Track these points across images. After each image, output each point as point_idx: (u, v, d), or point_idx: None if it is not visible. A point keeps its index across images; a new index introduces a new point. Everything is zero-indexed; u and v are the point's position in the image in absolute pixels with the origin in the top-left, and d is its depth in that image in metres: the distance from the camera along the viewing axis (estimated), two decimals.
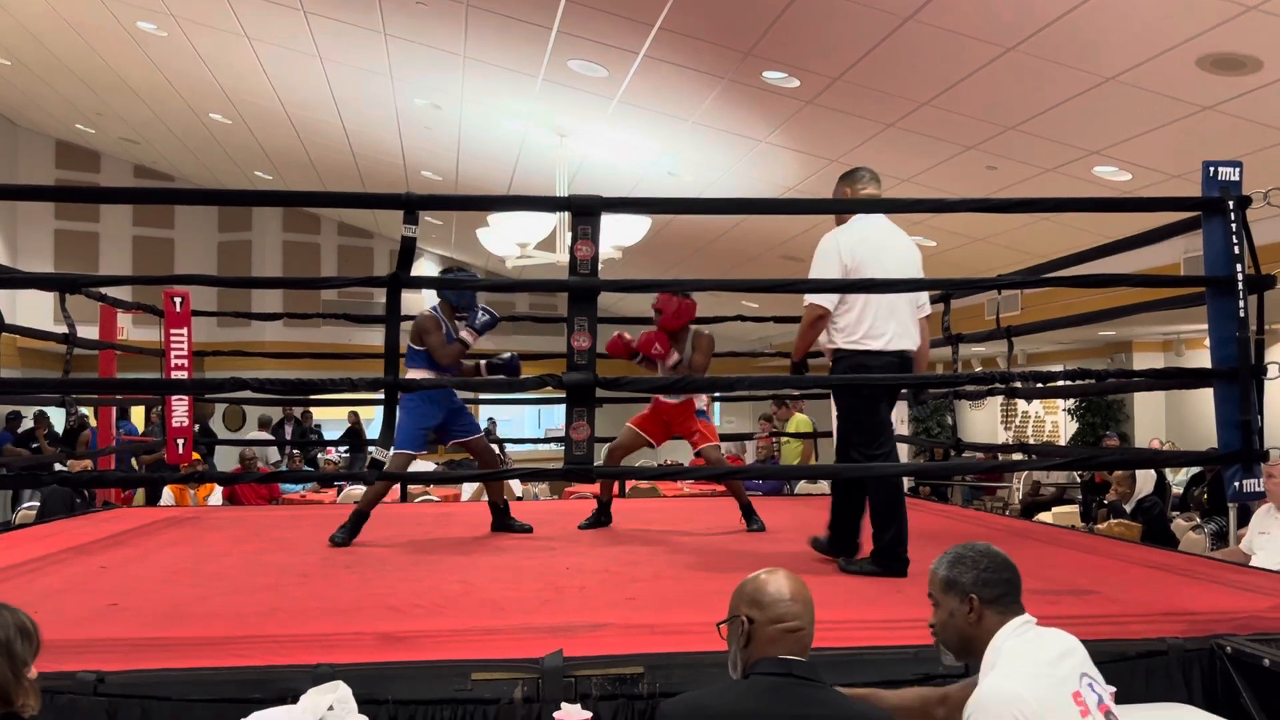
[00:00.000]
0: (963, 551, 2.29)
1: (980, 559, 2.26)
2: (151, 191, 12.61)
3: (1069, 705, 2.04)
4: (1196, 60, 6.01)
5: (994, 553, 2.29)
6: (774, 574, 2.17)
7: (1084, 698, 2.06)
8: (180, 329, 7.03)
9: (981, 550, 2.29)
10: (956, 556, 2.28)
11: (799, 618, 2.10)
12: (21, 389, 7.29)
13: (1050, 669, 2.09)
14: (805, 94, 7.82)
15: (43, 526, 6.35)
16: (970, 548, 2.30)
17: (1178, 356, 14.20)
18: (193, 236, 17.81)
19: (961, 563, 2.26)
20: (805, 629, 2.10)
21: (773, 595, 2.11)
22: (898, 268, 4.18)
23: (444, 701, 2.74)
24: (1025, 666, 2.10)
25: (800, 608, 2.11)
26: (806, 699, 1.98)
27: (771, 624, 2.08)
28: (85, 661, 2.75)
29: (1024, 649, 2.14)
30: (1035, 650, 2.13)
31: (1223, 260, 3.68)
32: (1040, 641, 2.16)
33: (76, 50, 11.27)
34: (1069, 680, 2.08)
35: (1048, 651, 2.13)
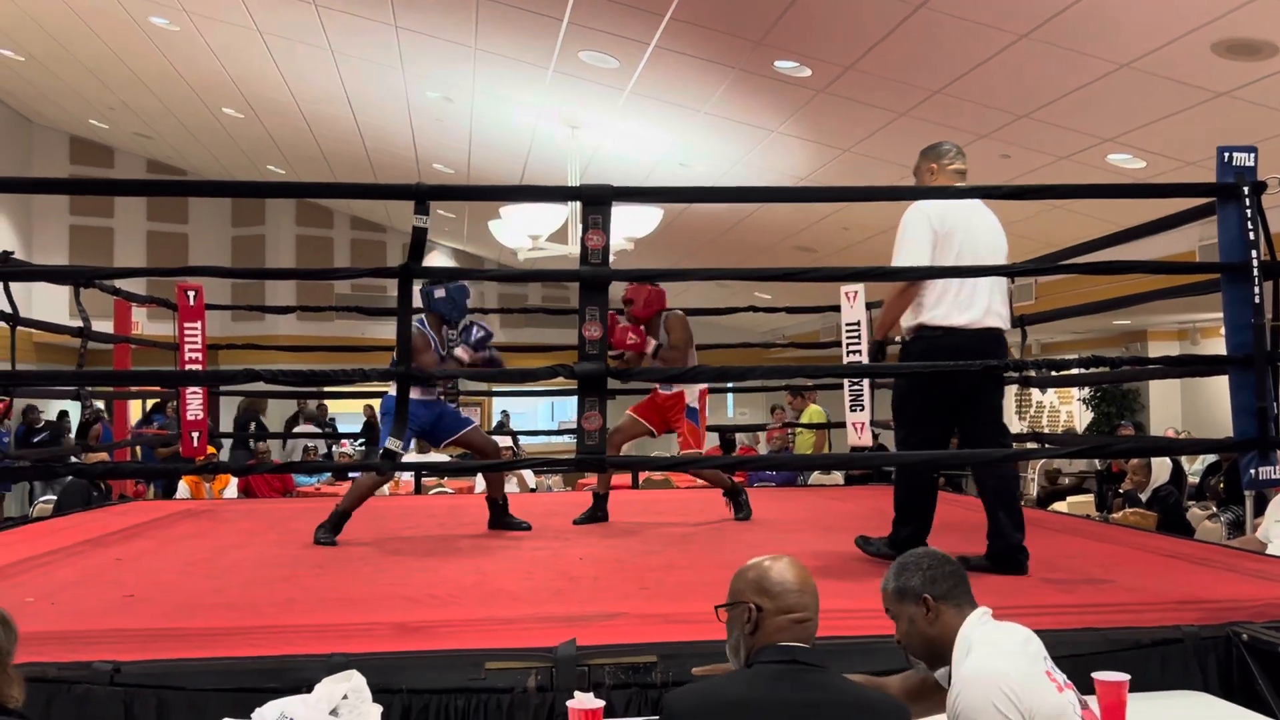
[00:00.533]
0: (904, 560, 2.31)
1: (923, 559, 2.28)
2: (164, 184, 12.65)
3: (1045, 681, 2.08)
4: (1211, 46, 5.97)
5: (935, 552, 2.32)
6: (779, 561, 2.14)
7: (1055, 676, 2.11)
8: (194, 322, 7.05)
9: (922, 553, 2.31)
10: (900, 566, 2.30)
11: (807, 608, 2.08)
12: (37, 381, 7.32)
13: (1021, 647, 2.14)
14: (817, 83, 7.79)
15: (59, 520, 6.39)
16: (910, 554, 2.32)
17: (1193, 345, 14.12)
18: (206, 231, 17.86)
19: (906, 569, 2.28)
20: (812, 619, 2.09)
21: (782, 585, 2.09)
22: (989, 244, 4.05)
23: (458, 690, 2.75)
24: (1002, 648, 2.14)
25: (809, 598, 2.10)
26: (815, 684, 1.97)
27: (780, 614, 2.06)
28: (101, 652, 2.77)
29: (993, 635, 2.17)
30: (1004, 635, 2.17)
31: (1238, 246, 3.65)
32: (1005, 629, 2.20)
33: (90, 45, 11.31)
34: (1038, 660, 2.12)
35: (1014, 636, 2.17)
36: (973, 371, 3.88)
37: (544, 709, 2.74)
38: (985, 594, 3.62)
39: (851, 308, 7.11)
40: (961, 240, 3.98)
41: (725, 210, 11.72)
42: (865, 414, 7.25)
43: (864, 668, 2.86)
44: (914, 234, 4.01)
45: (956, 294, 3.98)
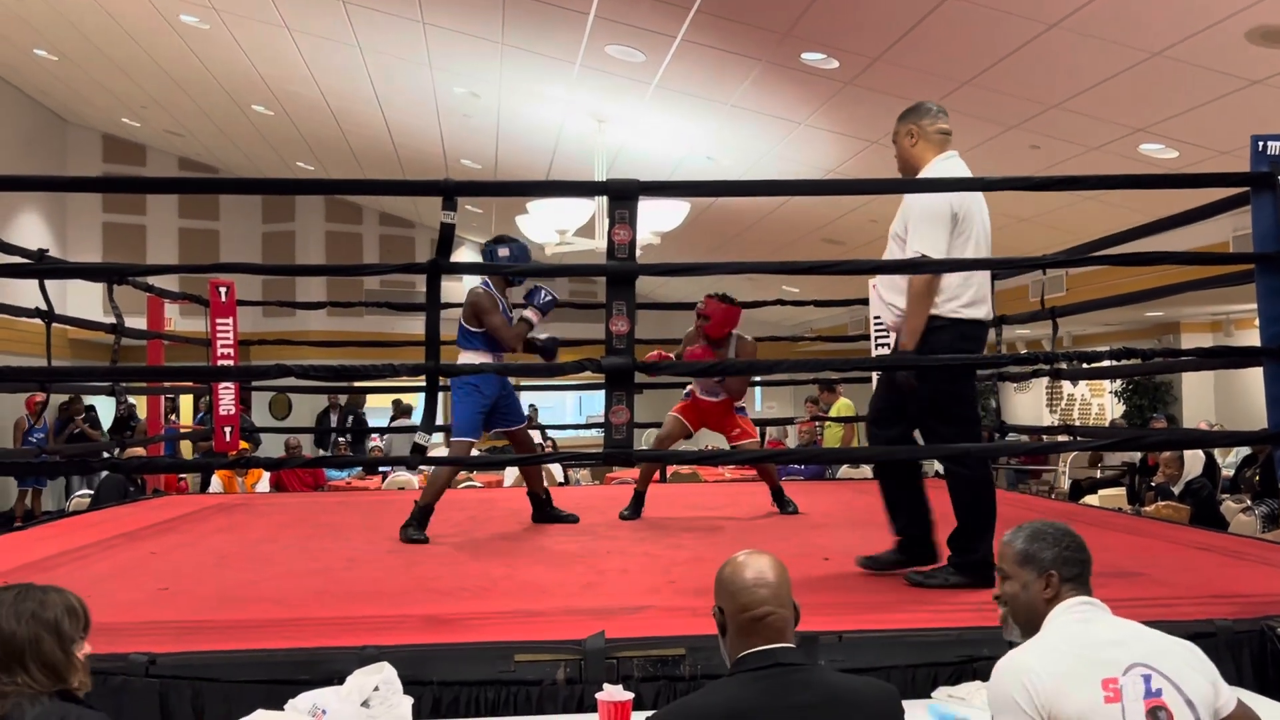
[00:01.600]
0: (1041, 527, 2.24)
1: (1062, 537, 2.21)
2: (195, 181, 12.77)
3: (1091, 687, 1.98)
4: (1245, 33, 5.89)
5: (1073, 532, 2.25)
6: (748, 556, 2.07)
7: (1120, 685, 1.98)
8: (226, 318, 7.12)
9: (1061, 529, 2.24)
10: (1035, 531, 2.23)
11: (765, 603, 1.98)
12: (72, 376, 7.41)
13: (1084, 649, 2.04)
14: (844, 75, 7.75)
15: (94, 514, 6.47)
16: (1049, 525, 2.25)
17: (1227, 337, 13.96)
18: (237, 228, 18.00)
19: (1041, 538, 2.21)
20: (776, 613, 1.98)
21: (737, 583, 2.02)
22: (984, 221, 3.76)
23: (488, 683, 2.77)
24: (1052, 641, 2.08)
25: (766, 592, 1.99)
26: (795, 685, 1.92)
27: (741, 613, 2.00)
28: (137, 644, 2.81)
29: (1067, 627, 2.11)
30: (1077, 630, 2.09)
31: (1272, 236, 3.61)
32: (1089, 624, 2.11)
33: (122, 45, 11.42)
34: (1107, 665, 2.00)
35: (1092, 635, 2.08)
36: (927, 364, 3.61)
37: (573, 701, 2.76)
38: None
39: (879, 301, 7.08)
40: (978, 223, 3.71)
41: (752, 204, 11.68)
42: None
43: (888, 661, 2.86)
44: (936, 212, 3.64)
45: (981, 283, 3.71)
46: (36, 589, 2.12)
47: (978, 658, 2.90)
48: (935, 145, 3.81)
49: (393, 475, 9.63)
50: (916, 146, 3.83)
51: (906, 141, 3.85)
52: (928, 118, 3.82)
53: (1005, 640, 2.30)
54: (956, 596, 3.52)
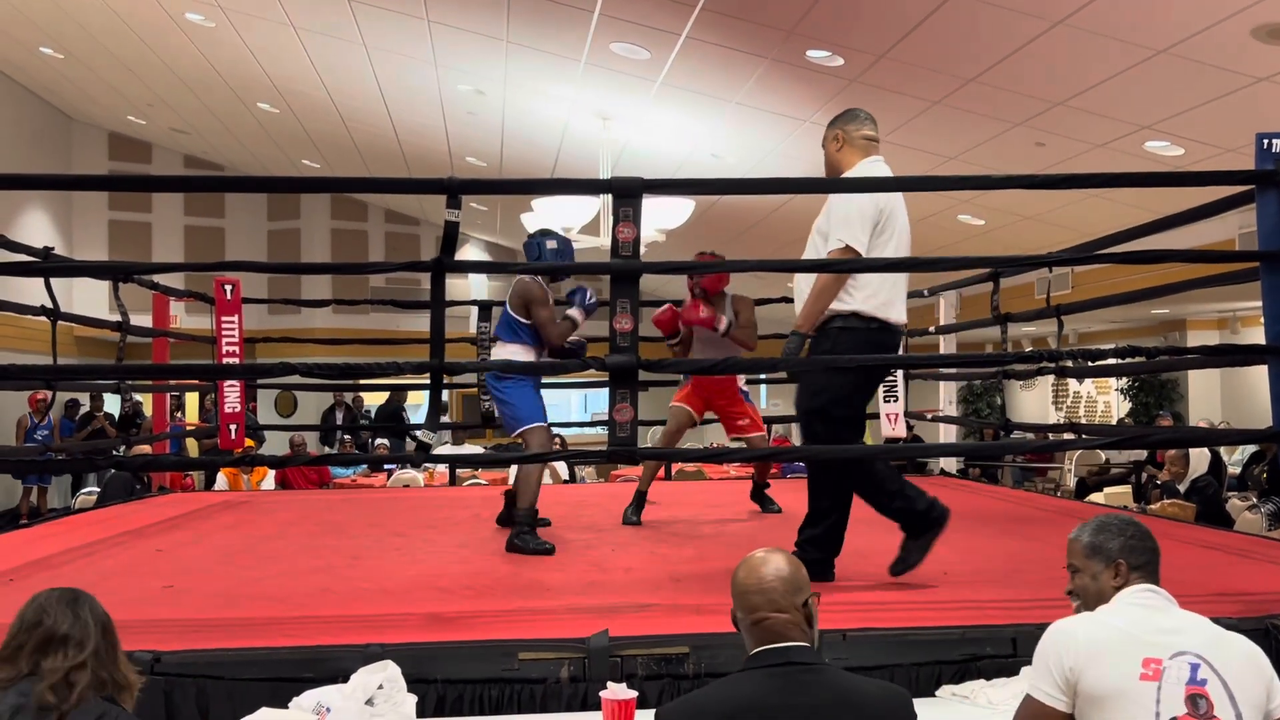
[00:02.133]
0: (1106, 520, 2.30)
1: (1126, 527, 2.26)
2: (201, 179, 12.79)
3: (1129, 662, 2.03)
4: (1251, 31, 5.87)
5: (1138, 523, 2.29)
6: (750, 557, 2.09)
7: (1163, 666, 2.02)
8: (231, 316, 7.13)
9: (1126, 520, 2.29)
10: (1101, 524, 2.29)
11: (760, 609, 2.00)
12: (78, 374, 7.43)
13: (1135, 628, 2.08)
14: (850, 72, 7.74)
15: (100, 511, 6.49)
16: (1114, 517, 2.31)
17: (1233, 334, 13.93)
18: (243, 225, 18.02)
19: (1107, 529, 2.27)
20: (770, 617, 1.99)
21: (739, 585, 2.05)
22: (905, 224, 3.81)
23: (492, 681, 2.78)
24: (1104, 616, 2.14)
25: (760, 599, 2.01)
26: (804, 684, 1.92)
27: (744, 615, 2.03)
28: (142, 642, 2.81)
29: (1126, 609, 2.15)
30: (1137, 613, 2.13)
31: (1277, 234, 3.60)
32: (1151, 610, 2.14)
33: (127, 43, 11.43)
34: (1154, 647, 2.05)
35: (1150, 620, 2.12)
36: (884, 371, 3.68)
37: (577, 699, 2.76)
38: (1012, 589, 3.61)
39: None
40: (899, 225, 3.74)
41: (757, 201, 11.67)
42: (899, 405, 7.22)
43: (893, 660, 2.86)
44: (862, 209, 3.70)
45: (894, 285, 3.74)
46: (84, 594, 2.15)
47: (981, 656, 2.90)
48: (860, 150, 3.88)
49: (397, 473, 9.64)
50: (842, 151, 3.91)
51: (833, 146, 3.93)
52: (854, 124, 3.91)
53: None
54: (961, 595, 3.52)
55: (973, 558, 4.26)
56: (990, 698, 2.70)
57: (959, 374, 8.69)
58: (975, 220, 10.65)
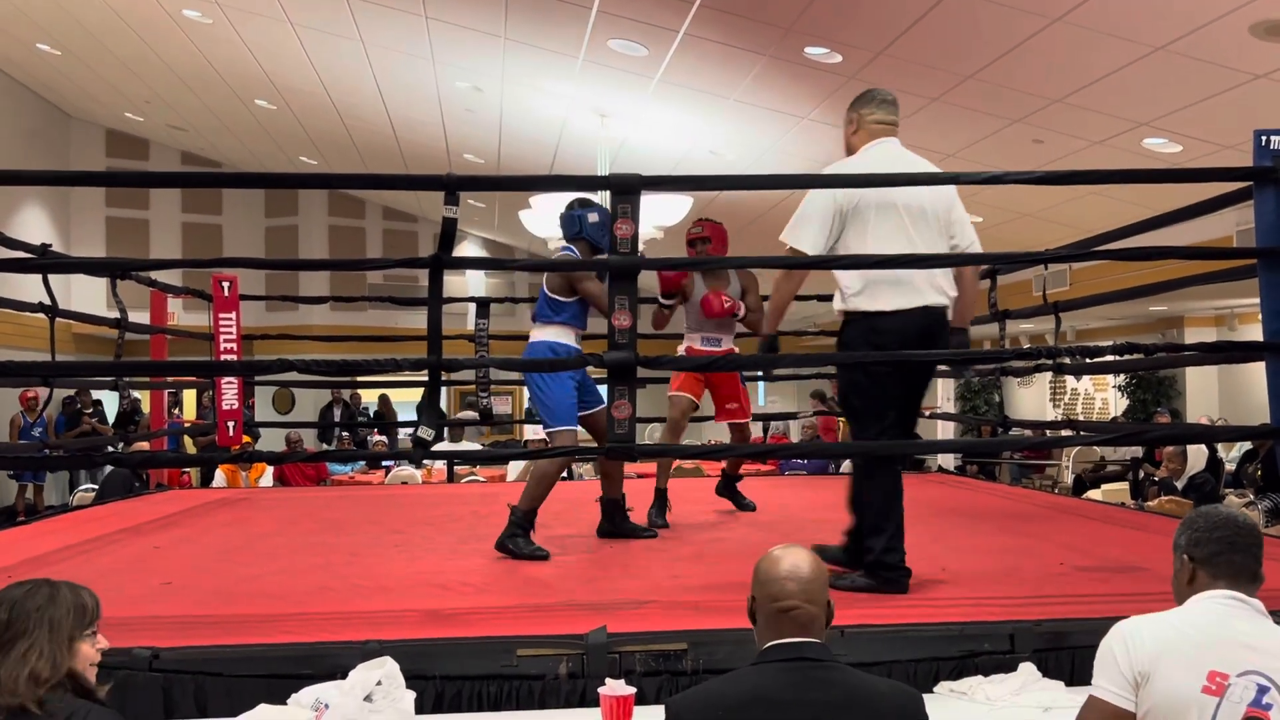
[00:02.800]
0: (1190, 515, 2.19)
1: (1198, 519, 2.14)
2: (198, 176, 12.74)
3: (1195, 672, 1.94)
4: (1249, 27, 5.88)
5: (1217, 513, 2.15)
6: (784, 550, 2.07)
7: (1229, 683, 1.92)
8: (229, 313, 7.13)
9: (1204, 511, 2.17)
10: (1190, 518, 2.17)
11: (793, 596, 1.98)
12: (76, 371, 7.42)
13: (1206, 636, 1.98)
14: (848, 69, 7.74)
15: (98, 508, 6.48)
16: (1198, 511, 2.18)
17: (1230, 331, 13.94)
18: (240, 222, 18.00)
19: (1186, 525, 2.16)
20: (802, 608, 1.98)
21: (771, 573, 2.02)
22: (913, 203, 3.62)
23: (490, 677, 2.77)
24: (1175, 618, 2.03)
25: (795, 586, 1.99)
26: (817, 681, 1.92)
27: (769, 602, 2.00)
28: (140, 638, 2.81)
29: (1200, 614, 2.03)
30: (1211, 618, 2.02)
31: (1275, 230, 3.61)
32: (1232, 620, 2.02)
33: (124, 39, 11.42)
34: (1223, 660, 1.94)
35: (1226, 628, 2.00)
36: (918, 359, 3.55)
37: (575, 696, 2.76)
38: (1010, 586, 3.61)
39: None
40: (875, 213, 3.58)
41: (756, 197, 11.67)
42: None
43: (891, 656, 2.87)
44: (811, 208, 3.61)
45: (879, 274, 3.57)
46: (47, 585, 2.13)
47: (979, 652, 2.91)
48: (869, 134, 3.80)
49: (395, 470, 9.64)
50: (856, 135, 3.85)
51: (848, 129, 3.89)
52: (869, 107, 3.82)
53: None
54: (959, 591, 3.52)
55: (970, 554, 4.27)
56: (988, 694, 2.70)
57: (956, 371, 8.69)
58: (973, 217, 10.62)
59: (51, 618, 2.06)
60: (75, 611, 2.10)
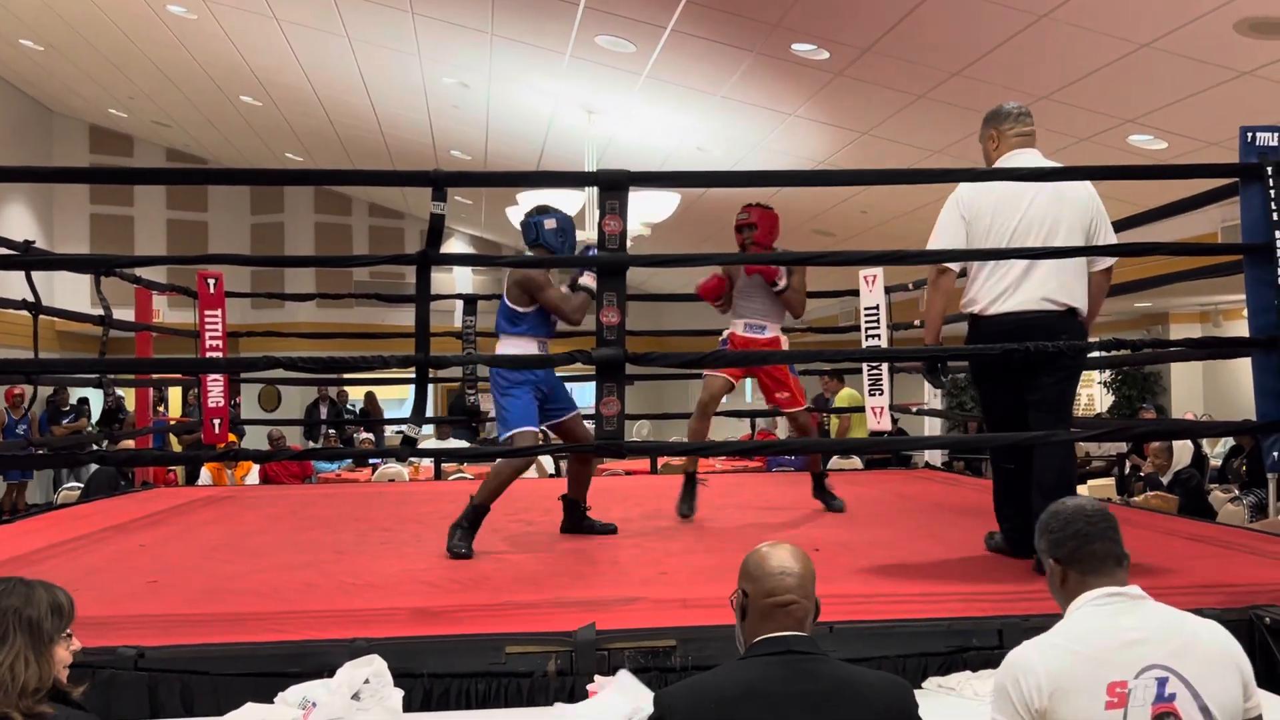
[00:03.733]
0: (1056, 511, 2.14)
1: (1050, 520, 2.12)
2: (183, 172, 12.69)
3: (1095, 691, 1.92)
4: (1234, 24, 5.90)
5: (1064, 508, 2.13)
6: (774, 547, 2.10)
7: (1128, 690, 1.92)
8: (214, 310, 7.10)
9: (1054, 511, 2.14)
10: (1040, 524, 2.15)
11: (791, 591, 2.02)
12: (60, 369, 7.38)
13: (1096, 648, 1.97)
14: (835, 66, 7.75)
15: (83, 506, 6.45)
16: (1049, 512, 2.15)
17: (1215, 327, 14.01)
18: (226, 219, 17.92)
19: (1041, 528, 2.14)
20: (799, 603, 2.02)
21: (765, 569, 2.05)
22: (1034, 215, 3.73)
23: (479, 675, 2.77)
24: (1062, 638, 2.01)
25: (793, 581, 2.03)
26: (806, 673, 1.93)
27: (764, 597, 2.02)
28: (126, 637, 2.80)
29: (1085, 622, 2.02)
30: (1097, 625, 2.01)
31: (1261, 227, 3.62)
32: (1115, 619, 2.01)
33: (108, 35, 11.35)
34: (1118, 667, 1.94)
35: (1114, 631, 1.99)
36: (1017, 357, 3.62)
37: (564, 693, 2.75)
38: (997, 581, 3.62)
39: (870, 291, 7.09)
40: (991, 223, 3.75)
41: (743, 194, 11.57)
42: (884, 398, 7.24)
43: (879, 652, 2.87)
44: (941, 222, 3.87)
45: (987, 279, 3.78)
46: (22, 584, 2.09)
47: (967, 648, 2.91)
48: (1009, 147, 3.93)
49: (382, 468, 9.61)
50: (997, 150, 3.96)
51: (989, 146, 4.00)
52: (1007, 122, 3.93)
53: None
54: (946, 587, 3.53)
55: (958, 550, 4.27)
56: (976, 689, 2.70)
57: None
58: None
59: (30, 619, 2.02)
60: (53, 612, 2.07)
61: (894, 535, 4.74)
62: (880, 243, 12.06)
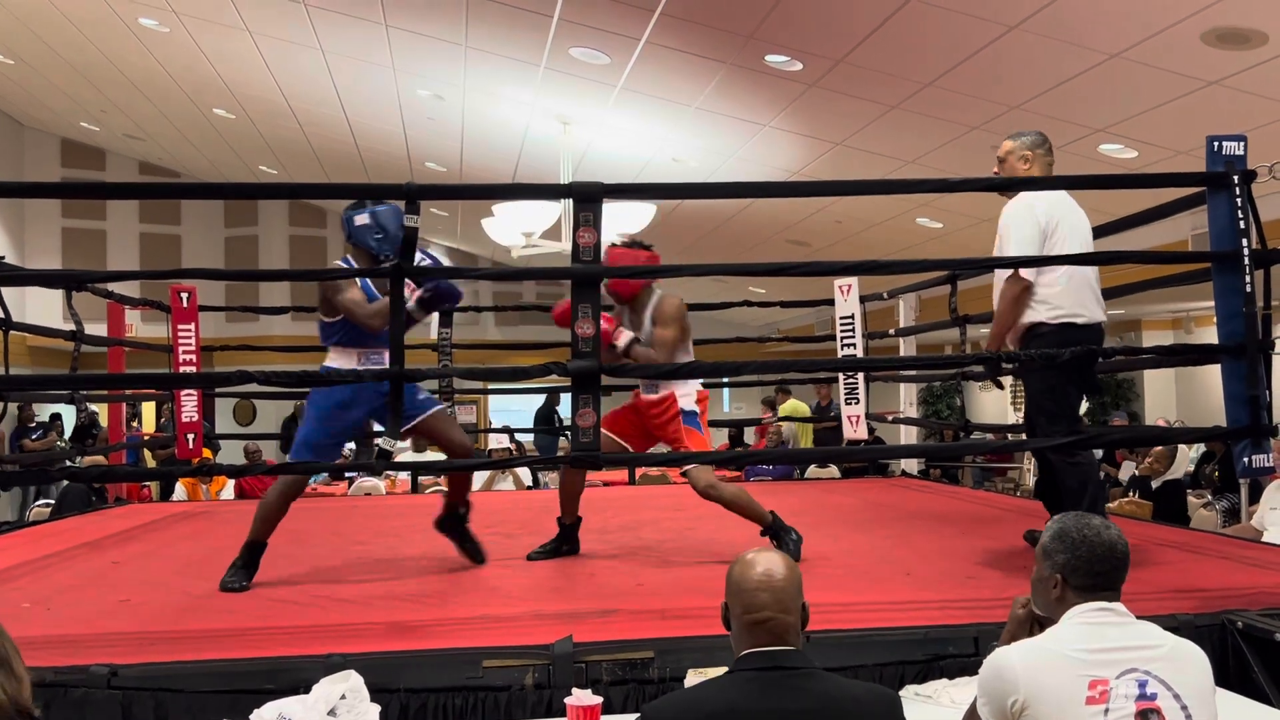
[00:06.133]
0: (1067, 526, 2.16)
1: (1080, 545, 2.12)
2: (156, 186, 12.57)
3: (1073, 687, 1.96)
4: (1201, 35, 5.97)
5: (1098, 539, 2.13)
6: (756, 556, 2.05)
7: (1110, 688, 1.95)
8: (188, 324, 7.05)
9: (1089, 534, 2.14)
10: (1061, 530, 2.16)
11: (766, 608, 1.97)
12: (31, 385, 7.32)
13: (1079, 650, 2.00)
14: (808, 77, 7.79)
15: (56, 523, 6.38)
16: (1078, 525, 2.16)
17: (1187, 334, 14.15)
18: (199, 233, 17.82)
19: (1062, 538, 2.15)
20: (776, 618, 1.97)
21: (742, 583, 2.01)
22: (1085, 232, 4.07)
23: (455, 689, 2.76)
24: (1048, 642, 2.05)
25: (768, 596, 1.97)
26: (792, 689, 1.91)
27: (742, 614, 1.99)
28: (98, 655, 2.77)
29: (1073, 630, 2.06)
30: (1082, 633, 2.05)
31: (1228, 235, 3.66)
32: (1101, 629, 2.05)
33: (79, 48, 11.28)
34: (1100, 667, 1.97)
35: (1097, 639, 2.03)
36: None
37: (542, 706, 2.75)
38: (974, 588, 3.64)
39: (845, 301, 7.12)
40: (1066, 235, 3.99)
41: (718, 205, 11.71)
42: (860, 407, 7.27)
43: (865, 661, 2.88)
44: (1022, 227, 4.01)
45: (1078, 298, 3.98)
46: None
47: (944, 656, 2.92)
48: (1040, 170, 4.22)
49: (358, 481, 9.56)
50: (1030, 168, 4.22)
51: (1020, 164, 4.24)
52: (1042, 148, 4.24)
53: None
54: (923, 595, 3.54)
55: (934, 558, 4.29)
56: (953, 697, 2.72)
57: (919, 376, 8.76)
58: (933, 223, 10.74)
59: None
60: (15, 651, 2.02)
61: (870, 543, 4.76)
62: (855, 252, 12.19)
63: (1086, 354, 3.81)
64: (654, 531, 5.22)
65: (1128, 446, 8.12)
